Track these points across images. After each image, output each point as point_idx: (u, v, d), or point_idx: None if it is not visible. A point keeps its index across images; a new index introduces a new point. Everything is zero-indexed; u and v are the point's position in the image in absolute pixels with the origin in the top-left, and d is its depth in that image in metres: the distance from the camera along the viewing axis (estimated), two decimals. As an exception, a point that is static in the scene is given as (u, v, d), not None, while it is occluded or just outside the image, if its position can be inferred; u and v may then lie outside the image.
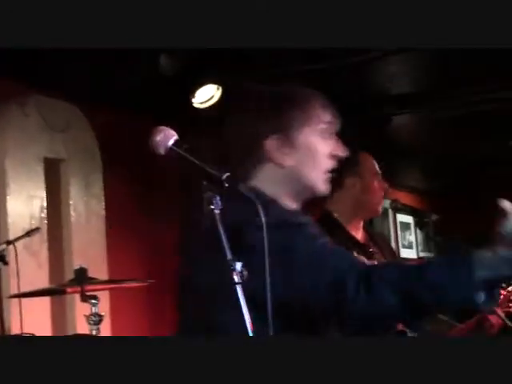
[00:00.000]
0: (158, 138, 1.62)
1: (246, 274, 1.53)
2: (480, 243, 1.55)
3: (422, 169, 7.94)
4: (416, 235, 8.84)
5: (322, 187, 1.84)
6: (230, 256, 1.51)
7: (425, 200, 8.77)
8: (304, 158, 1.81)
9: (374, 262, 2.72)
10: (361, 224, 2.91)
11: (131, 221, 4.90)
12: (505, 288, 3.50)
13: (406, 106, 5.29)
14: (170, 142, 1.62)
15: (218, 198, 1.56)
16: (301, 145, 1.81)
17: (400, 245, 8.51)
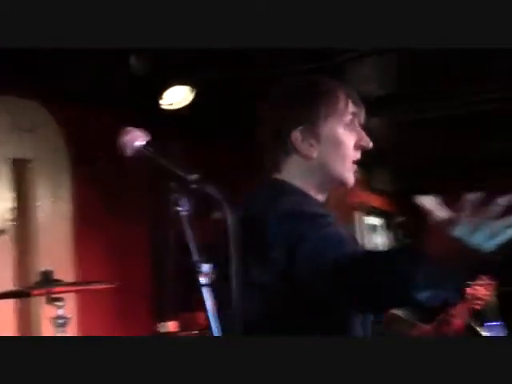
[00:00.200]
0: (126, 139, 1.61)
1: (214, 276, 1.52)
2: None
3: (390, 171, 7.99)
4: (383, 237, 8.89)
5: (349, 178, 1.84)
6: (196, 257, 1.50)
7: (393, 202, 8.82)
8: (330, 149, 1.81)
9: None
10: None
11: (99, 222, 4.86)
12: (471, 286, 3.54)
13: (374, 108, 5.32)
14: (138, 143, 1.60)
15: (186, 199, 1.55)
16: (327, 136, 1.81)
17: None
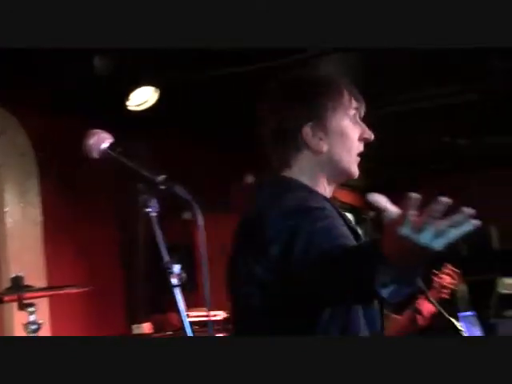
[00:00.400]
0: (91, 142, 1.60)
1: (184, 276, 1.52)
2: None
3: (360, 166, 8.01)
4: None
5: (355, 170, 1.89)
6: (167, 258, 1.50)
7: (363, 197, 8.87)
8: (338, 142, 1.85)
9: None
10: None
11: (68, 226, 4.83)
12: (438, 275, 3.59)
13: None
14: (104, 145, 1.60)
15: (154, 200, 1.55)
16: (334, 130, 1.84)
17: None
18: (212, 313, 3.76)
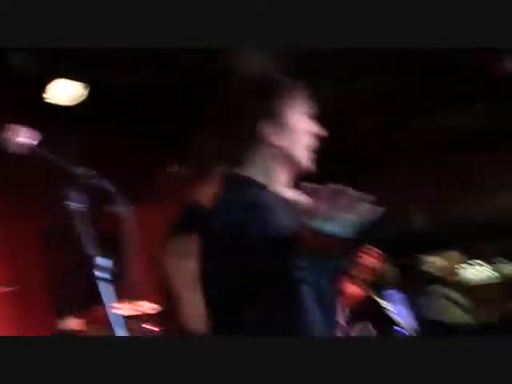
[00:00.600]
0: (8, 136, 1.58)
1: (113, 268, 1.52)
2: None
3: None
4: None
5: (308, 163, 2.00)
6: (92, 251, 1.49)
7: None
8: (294, 138, 1.97)
9: None
10: None
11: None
12: (361, 256, 3.65)
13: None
14: (21, 138, 1.58)
15: (79, 194, 1.54)
16: (291, 127, 1.97)
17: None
18: (146, 305, 3.71)
